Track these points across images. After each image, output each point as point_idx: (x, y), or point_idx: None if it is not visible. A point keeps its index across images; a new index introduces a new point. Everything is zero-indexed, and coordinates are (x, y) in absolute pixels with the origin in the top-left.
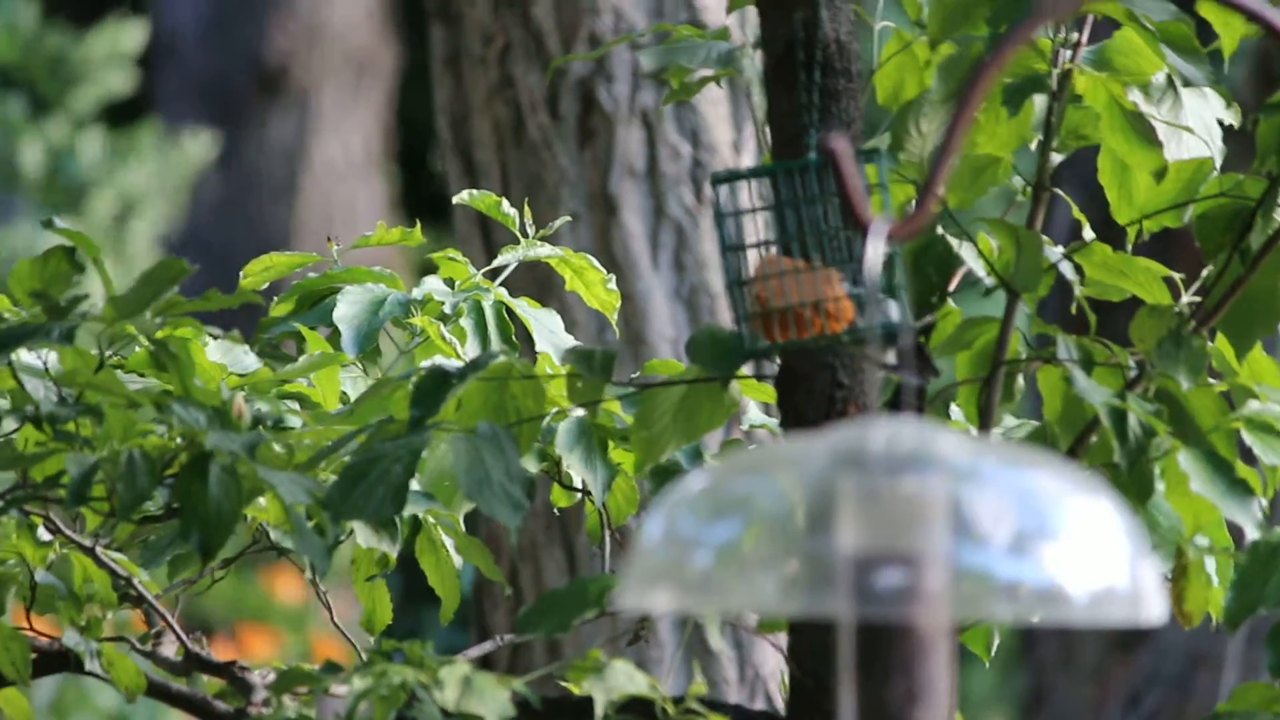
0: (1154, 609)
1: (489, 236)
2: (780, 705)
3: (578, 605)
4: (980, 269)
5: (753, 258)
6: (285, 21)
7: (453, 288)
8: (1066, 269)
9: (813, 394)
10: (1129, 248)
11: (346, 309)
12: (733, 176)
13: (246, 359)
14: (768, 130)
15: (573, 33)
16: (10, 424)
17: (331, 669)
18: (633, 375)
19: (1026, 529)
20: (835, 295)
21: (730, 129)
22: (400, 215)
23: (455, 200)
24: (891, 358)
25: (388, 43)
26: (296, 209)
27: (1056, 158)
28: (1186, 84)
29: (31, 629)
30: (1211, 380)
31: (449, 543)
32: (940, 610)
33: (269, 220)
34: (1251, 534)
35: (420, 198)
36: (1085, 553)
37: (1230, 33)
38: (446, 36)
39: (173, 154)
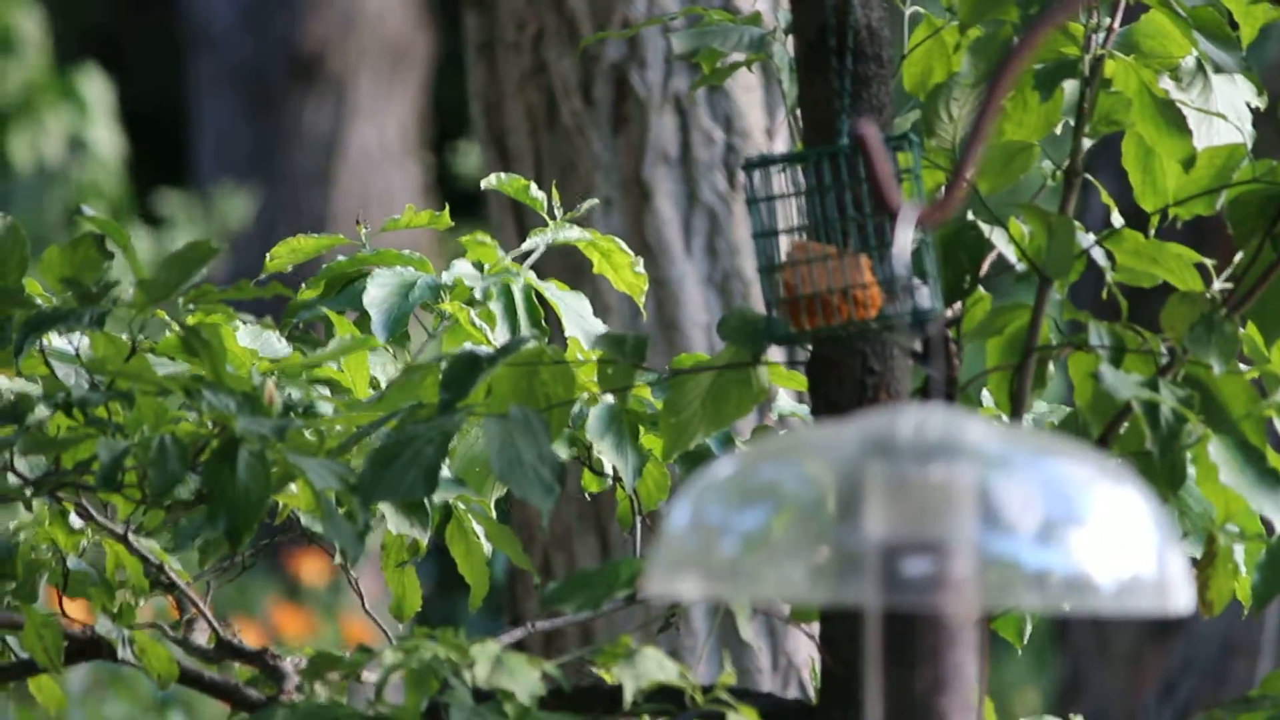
0: (1181, 598)
1: (522, 221)
2: (813, 693)
3: (608, 585)
4: (1012, 255)
5: (785, 244)
6: (320, 9)
7: (482, 271)
8: (1098, 255)
9: (844, 381)
10: (1151, 233)
11: (376, 293)
12: (765, 162)
13: (277, 344)
14: (799, 116)
15: (606, 18)
16: (42, 410)
17: (364, 653)
18: (666, 362)
19: (1054, 517)
20: (864, 282)
21: (763, 115)
22: (435, 202)
23: (484, 184)
24: (920, 345)
25: (422, 29)
26: (333, 197)
27: (1088, 143)
28: (1217, 69)
29: (64, 616)
30: (1243, 367)
31: (479, 530)
32: (968, 599)
33: (305, 208)
34: None
35: (456, 184)
36: (1112, 541)
37: (1251, 21)
38: (480, 23)
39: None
